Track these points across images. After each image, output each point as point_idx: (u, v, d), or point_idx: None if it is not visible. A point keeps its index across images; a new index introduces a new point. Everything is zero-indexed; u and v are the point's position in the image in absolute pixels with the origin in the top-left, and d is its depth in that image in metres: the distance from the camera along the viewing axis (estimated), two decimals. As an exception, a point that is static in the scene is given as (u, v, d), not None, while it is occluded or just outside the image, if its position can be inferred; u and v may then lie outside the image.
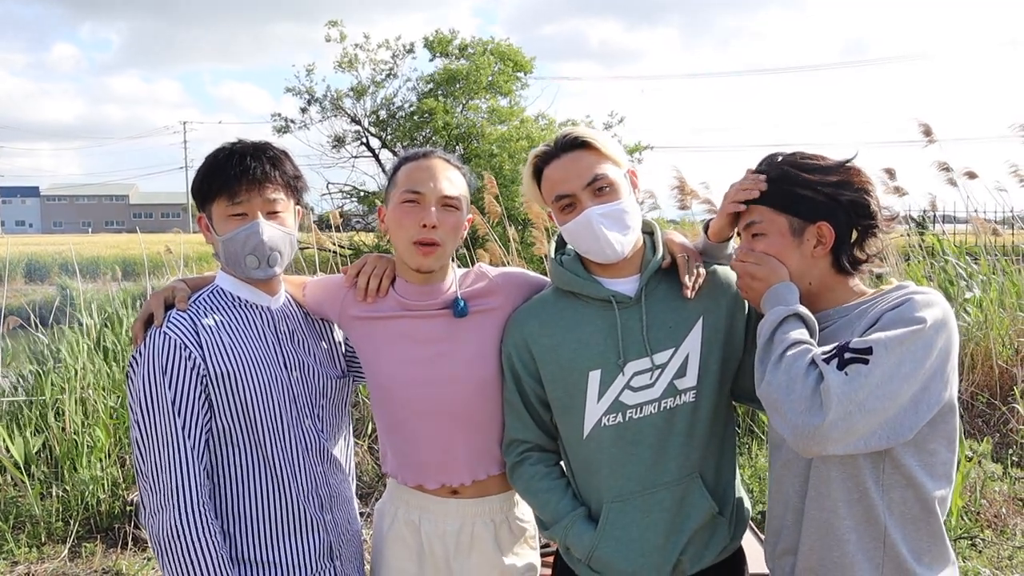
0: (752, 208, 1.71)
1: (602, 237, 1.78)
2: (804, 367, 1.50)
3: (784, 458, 1.71)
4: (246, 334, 1.86)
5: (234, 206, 1.82)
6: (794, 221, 1.67)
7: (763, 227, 1.70)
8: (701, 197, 6.19)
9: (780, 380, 1.52)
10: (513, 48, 17.18)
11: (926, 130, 6.50)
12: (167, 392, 1.73)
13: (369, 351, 1.98)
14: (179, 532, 1.69)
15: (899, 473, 1.57)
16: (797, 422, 1.47)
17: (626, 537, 1.81)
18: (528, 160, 1.90)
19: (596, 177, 1.79)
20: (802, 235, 1.67)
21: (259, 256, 1.83)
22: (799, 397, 1.48)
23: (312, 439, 1.91)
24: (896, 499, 1.58)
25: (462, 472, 1.95)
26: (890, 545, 1.59)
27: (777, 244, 1.68)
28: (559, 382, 1.85)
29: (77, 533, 4.58)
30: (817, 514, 1.63)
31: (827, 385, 1.45)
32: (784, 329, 1.58)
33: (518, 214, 11.40)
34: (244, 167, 1.81)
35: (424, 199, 1.89)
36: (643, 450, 1.81)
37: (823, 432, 1.45)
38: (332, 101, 17.33)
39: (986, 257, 6.54)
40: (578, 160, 1.81)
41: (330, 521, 1.93)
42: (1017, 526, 4.40)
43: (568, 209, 1.81)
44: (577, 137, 1.82)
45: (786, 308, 1.61)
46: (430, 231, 1.88)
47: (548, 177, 1.85)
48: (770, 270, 1.67)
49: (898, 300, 1.57)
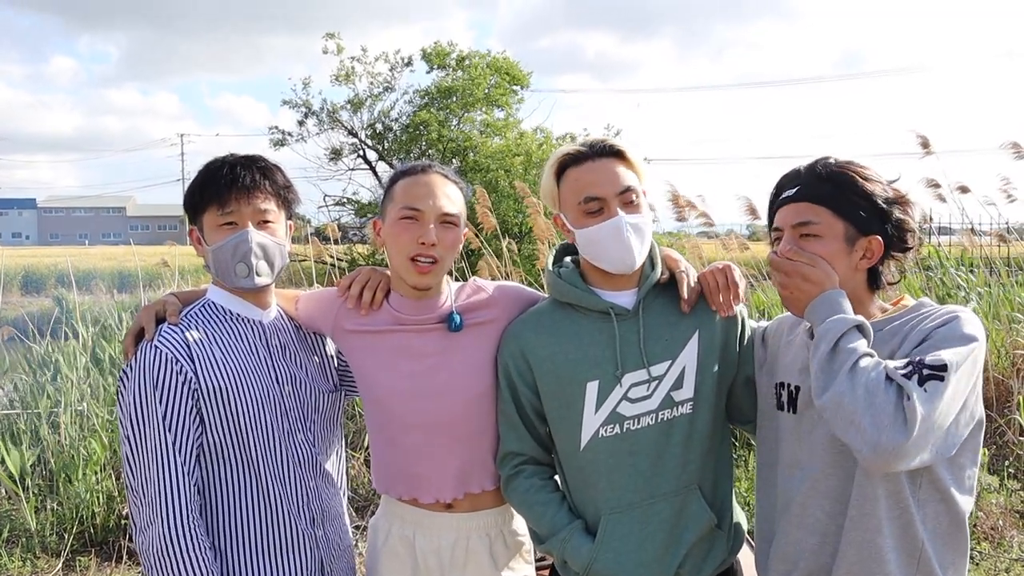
0: (811, 207, 1.65)
1: (626, 245, 1.78)
2: (883, 381, 1.46)
3: (811, 480, 1.67)
4: (238, 348, 1.85)
5: (224, 215, 1.81)
6: (850, 229, 1.64)
7: (820, 228, 1.64)
8: (699, 210, 6.20)
9: (858, 393, 1.45)
10: (510, 61, 17.26)
11: (924, 142, 6.50)
12: (158, 407, 1.72)
13: (363, 365, 1.98)
14: (169, 548, 1.67)
15: (934, 488, 1.57)
16: (880, 439, 1.42)
17: (624, 548, 1.81)
18: (554, 158, 1.87)
19: (629, 188, 1.80)
20: (854, 244, 1.64)
21: (248, 264, 1.82)
22: (882, 412, 1.43)
23: (304, 453, 1.90)
24: (930, 514, 1.58)
25: (456, 486, 1.94)
26: (924, 561, 1.58)
27: (831, 248, 1.64)
28: (556, 393, 1.85)
29: (71, 547, 4.55)
30: (859, 535, 1.60)
31: (913, 403, 1.42)
32: (850, 339, 1.52)
33: (514, 227, 11.42)
34: (234, 176, 1.81)
35: (423, 216, 1.88)
36: (641, 461, 1.81)
37: (905, 449, 1.42)
38: (329, 114, 17.38)
39: (982, 269, 6.56)
40: (612, 166, 1.80)
41: (321, 537, 1.92)
42: (1014, 538, 4.39)
43: (595, 213, 1.79)
44: (614, 145, 1.82)
45: (852, 318, 1.56)
46: (428, 248, 1.87)
47: (578, 178, 1.82)
48: (825, 274, 1.61)
49: (945, 317, 1.56)
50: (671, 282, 1.89)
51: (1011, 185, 6.62)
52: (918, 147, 6.59)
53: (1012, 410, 5.13)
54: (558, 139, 16.28)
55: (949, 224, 9.79)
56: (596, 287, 1.87)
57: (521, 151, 15.05)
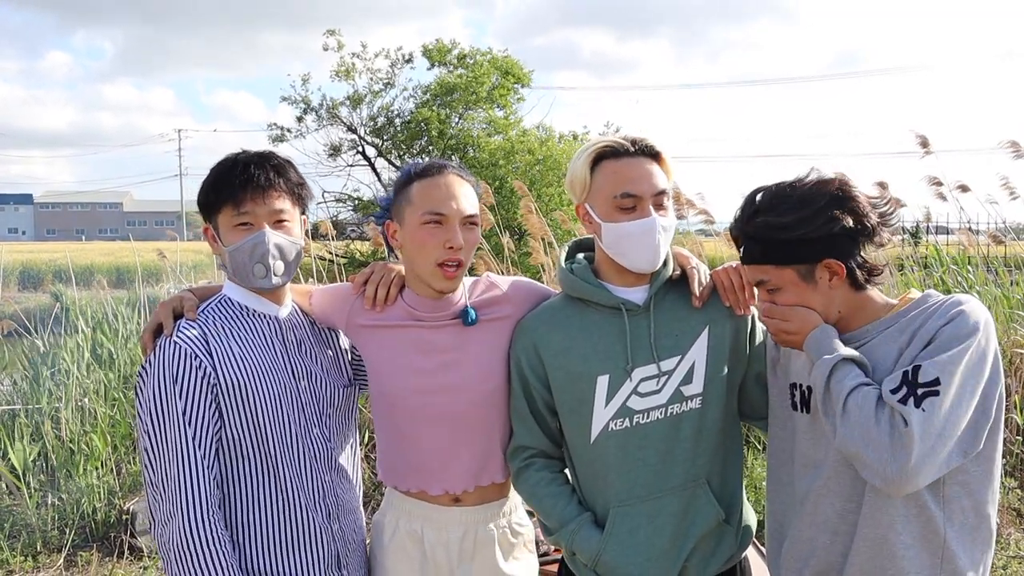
0: (757, 268, 1.70)
1: (655, 246, 1.79)
2: (872, 412, 1.51)
3: (824, 478, 1.69)
4: (254, 343, 1.86)
5: (240, 216, 1.82)
6: (800, 268, 1.66)
7: (774, 283, 1.69)
8: (698, 208, 6.22)
9: (854, 433, 1.52)
10: (511, 60, 17.25)
11: (923, 142, 6.50)
12: (177, 402, 1.73)
13: (376, 359, 1.99)
14: (189, 542, 1.69)
15: (958, 483, 1.59)
16: (886, 471, 1.48)
17: (632, 541, 1.83)
18: (591, 147, 1.85)
19: (664, 191, 1.82)
20: (813, 276, 1.66)
21: (266, 265, 1.83)
22: (878, 445, 1.49)
23: (320, 448, 1.92)
24: (956, 510, 1.60)
25: (466, 479, 1.96)
26: (948, 558, 1.60)
27: (794, 293, 1.68)
28: (568, 387, 1.87)
29: (73, 542, 4.56)
30: (871, 532, 1.62)
31: (910, 428, 1.46)
32: (837, 378, 1.58)
33: (513, 225, 11.41)
34: (248, 176, 1.81)
35: (448, 220, 1.87)
36: (650, 455, 1.83)
37: (913, 471, 1.47)
38: (328, 110, 17.37)
39: (981, 267, 6.58)
40: (652, 167, 1.82)
41: (337, 531, 1.94)
42: (1011, 536, 4.42)
43: (629, 210, 1.80)
44: (654, 146, 1.83)
45: (831, 357, 1.60)
46: (456, 253, 1.87)
47: (616, 171, 1.80)
48: (801, 320, 1.67)
49: (951, 313, 1.58)
50: (682, 279, 1.91)
51: (1010, 184, 6.63)
52: (915, 146, 6.60)
53: (1010, 409, 5.16)
54: (561, 136, 16.28)
55: (947, 224, 9.81)
56: (608, 283, 1.89)
57: (524, 148, 15.04)
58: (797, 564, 1.76)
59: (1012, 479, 4.93)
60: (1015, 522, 4.57)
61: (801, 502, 1.74)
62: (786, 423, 1.83)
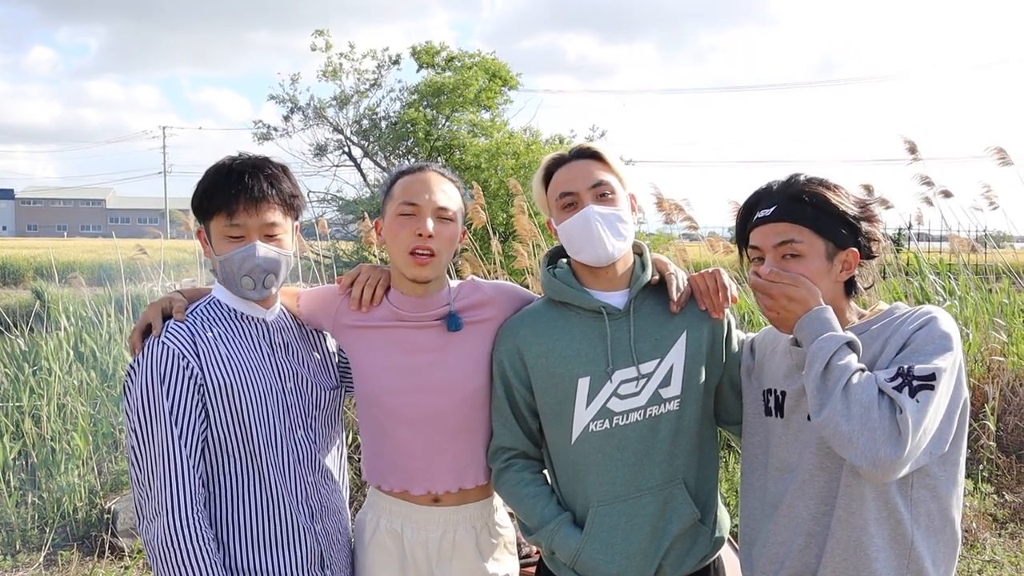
0: (792, 227, 1.69)
1: (596, 235, 1.84)
2: (875, 397, 1.51)
3: (799, 481, 1.71)
4: (242, 345, 1.88)
5: (232, 228, 1.83)
6: (830, 246, 1.69)
7: (803, 248, 1.68)
8: (684, 212, 6.26)
9: (854, 411, 1.51)
10: (499, 63, 17.25)
11: (911, 147, 6.56)
12: (164, 401, 1.75)
13: (361, 359, 2.01)
14: (174, 539, 1.70)
15: (924, 486, 1.63)
16: (879, 454, 1.48)
17: (611, 540, 1.86)
18: (541, 166, 1.98)
19: (601, 182, 1.88)
20: (833, 260, 1.70)
21: (254, 278, 1.85)
22: (878, 428, 1.49)
23: (304, 450, 1.94)
24: (923, 512, 1.63)
25: (449, 479, 1.99)
26: (914, 559, 1.63)
27: (813, 266, 1.68)
28: (549, 388, 1.91)
29: (53, 541, 4.53)
30: (845, 534, 1.64)
31: (906, 416, 1.48)
32: (841, 356, 1.57)
33: (500, 228, 11.42)
34: (242, 186, 1.82)
35: (420, 210, 1.94)
36: (629, 455, 1.86)
37: (902, 461, 1.49)
38: (315, 110, 17.30)
39: (964, 275, 6.66)
40: (587, 166, 1.91)
41: (320, 531, 1.95)
42: (987, 540, 4.48)
43: (569, 208, 1.89)
44: (590, 148, 1.93)
45: (841, 335, 1.60)
46: (425, 240, 1.92)
47: (556, 179, 1.93)
48: (809, 293, 1.65)
49: (923, 319, 1.62)
50: (661, 284, 1.96)
51: (992, 192, 6.71)
52: (898, 153, 6.65)
53: (986, 415, 5.23)
54: (547, 140, 16.30)
55: (928, 231, 9.91)
56: (588, 287, 1.93)
57: (509, 151, 15.05)
58: (772, 567, 1.78)
59: (988, 484, 5.00)
60: (991, 527, 4.64)
61: (775, 506, 1.77)
62: (759, 429, 1.87)
